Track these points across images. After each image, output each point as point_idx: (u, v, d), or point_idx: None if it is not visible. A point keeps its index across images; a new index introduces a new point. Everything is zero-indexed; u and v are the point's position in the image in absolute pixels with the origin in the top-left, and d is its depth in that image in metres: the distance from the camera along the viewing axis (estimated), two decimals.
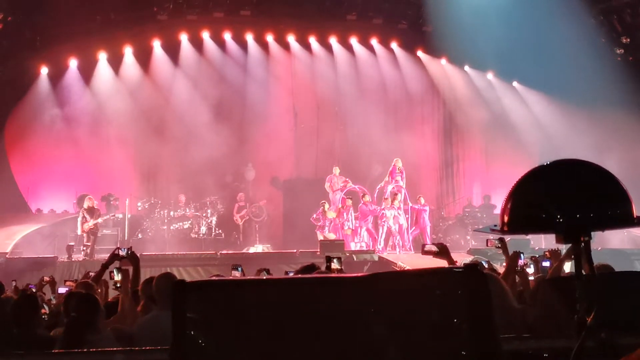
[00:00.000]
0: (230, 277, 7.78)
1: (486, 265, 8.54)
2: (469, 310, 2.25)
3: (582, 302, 2.21)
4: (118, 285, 6.86)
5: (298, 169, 23.30)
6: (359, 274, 2.25)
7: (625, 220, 2.23)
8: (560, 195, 2.23)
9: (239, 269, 8.48)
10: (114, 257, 7.12)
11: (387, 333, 2.25)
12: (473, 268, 2.26)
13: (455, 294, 2.27)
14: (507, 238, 7.76)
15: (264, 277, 8.72)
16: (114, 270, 6.98)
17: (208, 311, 2.28)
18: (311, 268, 7.10)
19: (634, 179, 20.00)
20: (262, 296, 2.34)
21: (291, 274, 7.93)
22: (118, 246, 9.18)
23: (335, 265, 7.69)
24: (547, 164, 2.39)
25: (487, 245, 8.55)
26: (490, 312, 2.27)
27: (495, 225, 2.41)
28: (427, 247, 6.62)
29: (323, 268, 7.58)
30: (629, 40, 23.30)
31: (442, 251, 6.48)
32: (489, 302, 2.29)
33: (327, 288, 2.34)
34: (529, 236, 14.20)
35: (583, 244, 2.27)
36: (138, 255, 7.26)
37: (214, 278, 8.10)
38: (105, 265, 7.25)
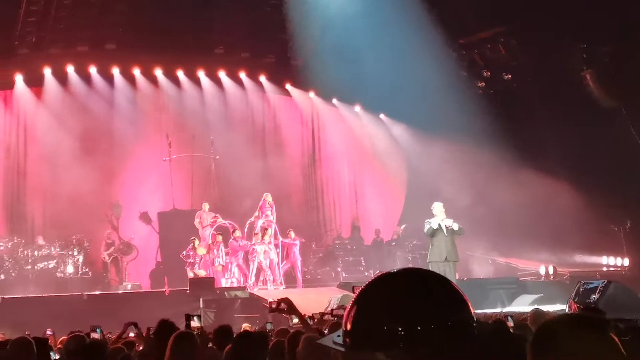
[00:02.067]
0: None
1: None
2: None
3: None
4: None
5: (173, 203, 22.84)
6: None
7: (465, 326, 2.09)
8: (403, 306, 2.08)
9: (98, 330, 8.20)
10: None
11: None
12: None
13: None
14: None
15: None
16: None
17: None
18: (169, 328, 6.96)
19: (493, 210, 20.80)
20: None
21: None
22: None
23: (195, 323, 7.60)
24: (392, 272, 2.28)
25: None
26: None
27: (339, 336, 2.18)
28: (281, 306, 6.73)
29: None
30: (489, 73, 24.32)
31: (290, 307, 6.63)
32: None
33: None
34: None
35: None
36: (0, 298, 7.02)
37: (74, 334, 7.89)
38: None
